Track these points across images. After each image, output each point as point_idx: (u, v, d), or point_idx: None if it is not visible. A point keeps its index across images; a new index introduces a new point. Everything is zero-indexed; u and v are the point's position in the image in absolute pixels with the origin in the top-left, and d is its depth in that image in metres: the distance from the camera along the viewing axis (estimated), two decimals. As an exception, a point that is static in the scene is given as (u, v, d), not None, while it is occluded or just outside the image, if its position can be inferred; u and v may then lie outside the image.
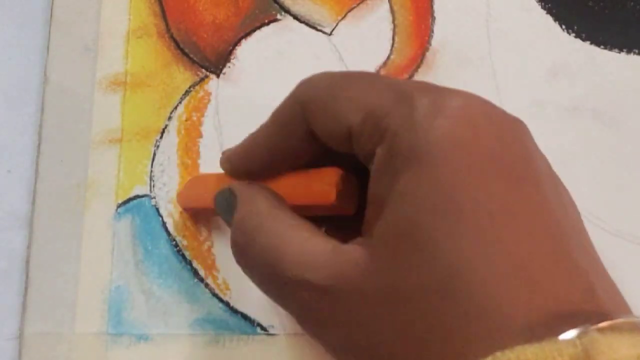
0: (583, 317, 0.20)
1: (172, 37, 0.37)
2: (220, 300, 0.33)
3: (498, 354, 0.19)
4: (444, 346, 0.21)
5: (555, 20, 0.38)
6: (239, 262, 0.27)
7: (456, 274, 0.20)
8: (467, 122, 0.22)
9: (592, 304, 0.21)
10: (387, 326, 0.22)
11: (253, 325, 0.33)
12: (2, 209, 0.35)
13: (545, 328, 0.20)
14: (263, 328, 0.33)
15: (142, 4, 0.37)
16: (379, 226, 0.22)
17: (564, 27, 0.37)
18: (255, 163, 0.28)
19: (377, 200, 0.23)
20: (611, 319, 0.20)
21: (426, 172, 0.22)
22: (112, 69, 0.36)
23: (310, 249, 0.24)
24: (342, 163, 0.26)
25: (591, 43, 0.37)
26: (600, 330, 0.19)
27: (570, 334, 0.19)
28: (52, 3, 0.37)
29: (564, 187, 0.24)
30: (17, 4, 0.38)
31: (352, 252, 0.23)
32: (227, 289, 0.33)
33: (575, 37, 0.37)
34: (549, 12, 0.38)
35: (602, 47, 0.37)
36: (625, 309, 0.22)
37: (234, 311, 0.33)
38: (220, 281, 0.33)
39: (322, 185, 0.26)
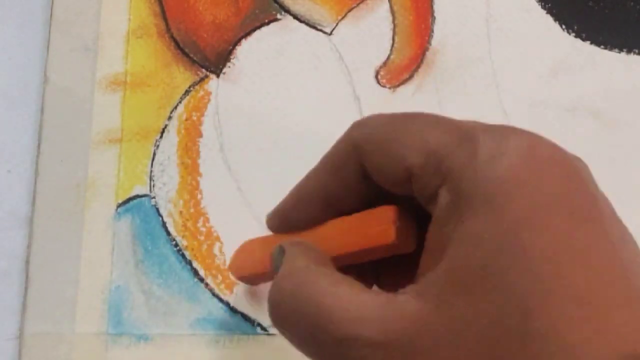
0: None
1: (172, 37, 0.37)
2: (220, 300, 0.33)
3: None
4: None
5: (555, 20, 0.38)
6: (276, 324, 0.25)
7: (529, 316, 0.20)
8: (531, 163, 0.22)
9: None
10: None
11: (253, 325, 0.33)
12: (2, 209, 0.35)
13: None
14: (263, 328, 0.33)
15: (142, 4, 0.37)
16: (440, 271, 0.22)
17: (564, 27, 0.37)
18: (304, 212, 0.27)
19: (438, 244, 0.22)
20: None
21: (491, 214, 0.21)
22: (112, 69, 0.36)
23: (358, 302, 0.23)
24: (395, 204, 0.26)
25: (591, 43, 0.37)
26: None
27: None
28: (52, 3, 0.37)
29: (624, 225, 0.24)
30: (17, 4, 0.38)
31: (406, 301, 0.22)
32: (227, 288, 0.33)
33: (575, 37, 0.37)
34: (549, 12, 0.38)
35: (602, 47, 0.37)
36: None
37: (234, 311, 0.33)
38: (220, 281, 0.33)
39: (380, 225, 0.25)
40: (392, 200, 0.25)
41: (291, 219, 0.28)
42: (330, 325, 0.23)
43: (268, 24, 0.37)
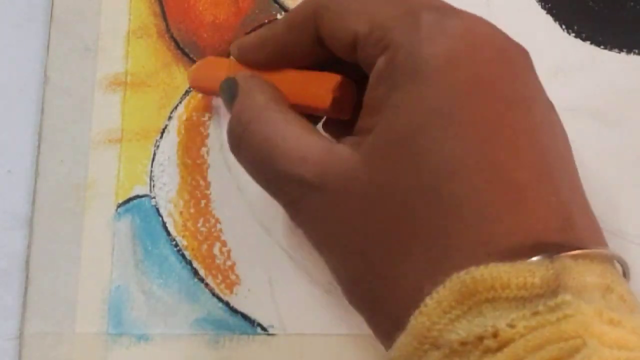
0: (559, 243, 0.21)
1: (172, 37, 0.37)
2: (220, 300, 0.33)
3: (472, 268, 0.20)
4: (424, 252, 0.21)
5: (555, 20, 0.38)
6: (233, 150, 0.28)
7: (444, 183, 0.21)
8: (467, 43, 0.23)
9: (570, 233, 0.21)
10: (371, 225, 0.23)
11: (253, 325, 0.33)
12: (2, 209, 0.35)
13: (521, 250, 0.20)
14: (263, 328, 0.33)
15: (142, 4, 0.37)
16: (372, 131, 0.23)
17: (564, 27, 0.37)
18: (262, 55, 0.29)
19: (372, 107, 0.24)
20: (585, 248, 0.21)
21: (423, 86, 0.22)
22: (112, 69, 0.36)
23: (304, 144, 0.25)
24: (345, 71, 0.27)
25: (591, 43, 0.37)
26: (573, 257, 0.20)
27: (543, 257, 0.20)
28: (52, 3, 0.37)
29: (557, 116, 0.25)
30: (17, 4, 0.38)
31: (345, 152, 0.24)
32: (227, 288, 0.33)
33: (575, 37, 0.37)
34: (549, 12, 0.38)
35: (602, 47, 0.37)
36: (600, 242, 0.23)
37: (234, 311, 0.33)
38: (220, 281, 0.33)
39: (320, 89, 0.27)
40: (342, 67, 0.27)
41: (251, 56, 0.30)
42: (275, 161, 0.25)
43: (268, 24, 0.37)
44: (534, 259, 0.20)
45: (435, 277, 0.20)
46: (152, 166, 0.35)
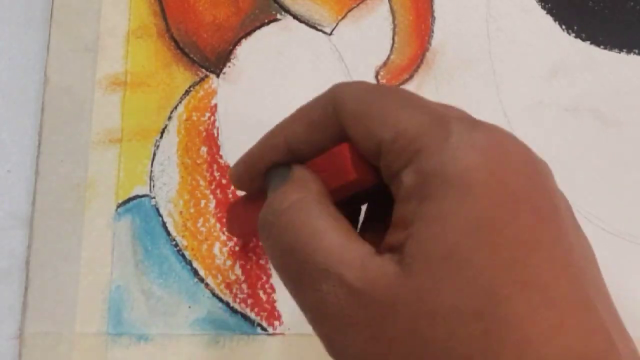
0: None
1: (172, 37, 0.37)
2: (220, 300, 0.33)
3: None
4: None
5: (555, 20, 0.38)
6: (261, 234, 0.26)
7: (495, 302, 0.21)
8: (498, 156, 0.23)
9: (614, 355, 0.21)
10: (412, 341, 0.22)
11: (253, 325, 0.33)
12: (2, 209, 0.35)
13: None
14: (263, 328, 0.33)
15: (142, 4, 0.37)
16: (411, 245, 0.22)
17: (564, 27, 0.37)
18: (269, 160, 0.28)
19: (404, 220, 0.23)
20: None
21: (463, 198, 0.22)
22: (112, 69, 0.36)
23: (346, 244, 0.23)
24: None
25: (591, 43, 0.37)
26: None
27: None
28: (52, 3, 0.37)
29: (579, 227, 0.24)
30: (17, 4, 0.38)
31: (387, 264, 0.23)
32: (227, 288, 0.33)
33: (575, 37, 0.37)
34: (549, 12, 0.38)
35: (602, 47, 0.37)
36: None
37: (234, 311, 0.33)
38: (220, 281, 0.33)
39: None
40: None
41: (258, 166, 0.28)
42: (315, 253, 0.23)
43: (268, 24, 0.37)
44: None
45: None
46: (152, 166, 0.35)
